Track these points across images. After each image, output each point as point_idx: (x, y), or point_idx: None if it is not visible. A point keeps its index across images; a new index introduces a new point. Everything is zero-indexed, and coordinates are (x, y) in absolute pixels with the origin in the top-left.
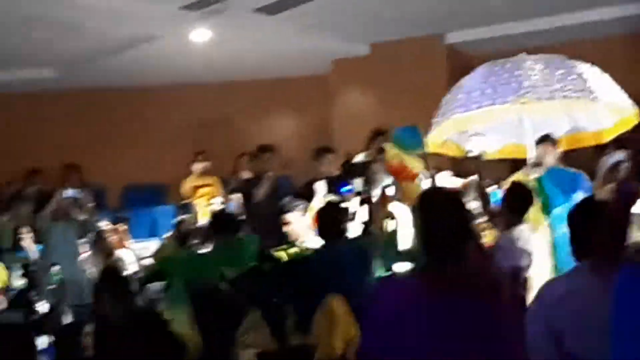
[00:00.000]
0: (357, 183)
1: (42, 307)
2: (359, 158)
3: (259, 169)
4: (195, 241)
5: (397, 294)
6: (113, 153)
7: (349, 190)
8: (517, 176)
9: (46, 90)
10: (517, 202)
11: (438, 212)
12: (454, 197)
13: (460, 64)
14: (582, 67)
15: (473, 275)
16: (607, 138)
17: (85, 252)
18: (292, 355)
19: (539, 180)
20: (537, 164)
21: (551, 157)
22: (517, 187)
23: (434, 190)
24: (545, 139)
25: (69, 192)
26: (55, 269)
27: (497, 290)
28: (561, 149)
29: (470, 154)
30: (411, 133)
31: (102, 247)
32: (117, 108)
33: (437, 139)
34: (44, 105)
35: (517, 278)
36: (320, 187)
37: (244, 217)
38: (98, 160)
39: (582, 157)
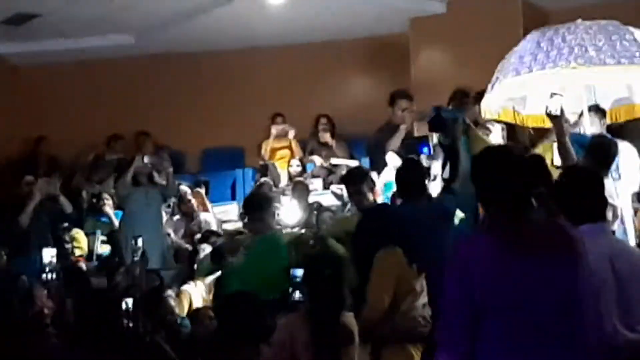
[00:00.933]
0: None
1: (124, 273)
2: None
3: None
4: None
5: (473, 250)
6: (191, 117)
7: (428, 152)
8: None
9: (124, 56)
10: (601, 155)
11: (509, 170)
12: (513, 155)
13: (537, 20)
14: (638, 33)
15: (540, 231)
16: None
17: (166, 217)
18: None
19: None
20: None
21: (595, 128)
22: (600, 139)
23: (504, 148)
24: (591, 109)
25: (148, 158)
26: (139, 242)
27: (569, 248)
28: (612, 119)
29: (552, 113)
30: None
31: (184, 211)
32: (195, 72)
33: (491, 105)
34: (122, 71)
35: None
36: (392, 158)
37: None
38: (177, 125)
39: None
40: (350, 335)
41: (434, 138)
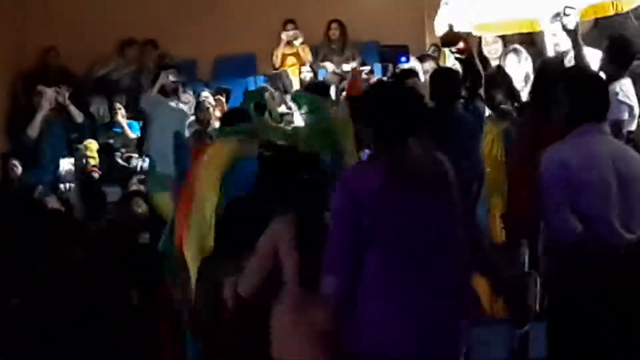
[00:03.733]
0: None
1: (138, 184)
2: None
3: None
4: None
5: (361, 178)
6: (202, 25)
7: (406, 61)
8: None
9: None
10: (620, 54)
11: (390, 103)
12: (404, 90)
13: None
14: None
15: (422, 162)
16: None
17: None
18: None
19: None
20: None
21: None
22: (619, 39)
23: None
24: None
25: (173, 76)
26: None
27: (442, 177)
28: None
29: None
30: None
31: (200, 119)
32: None
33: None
34: None
35: (620, 131)
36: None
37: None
38: (188, 33)
39: None
40: None
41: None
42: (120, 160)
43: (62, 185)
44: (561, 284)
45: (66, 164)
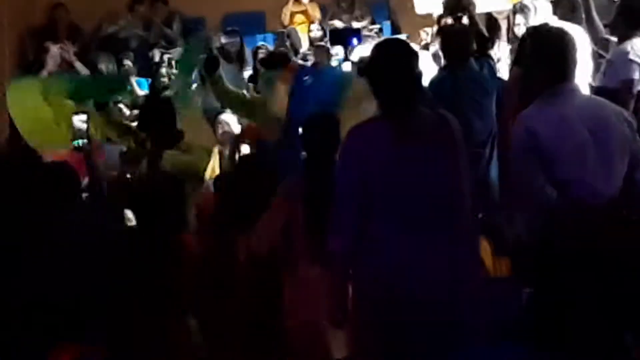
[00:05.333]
0: None
1: None
2: None
3: None
4: None
5: (367, 135)
6: None
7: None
8: None
9: None
10: (633, 14)
11: (395, 60)
12: (408, 47)
13: None
14: None
15: (428, 121)
16: None
17: None
18: None
19: None
20: None
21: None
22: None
23: (390, 40)
24: None
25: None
26: None
27: (449, 135)
28: None
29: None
30: None
31: None
32: None
33: None
34: None
35: (630, 91)
36: None
37: None
38: None
39: None
40: None
41: None
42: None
43: (75, 142)
44: (545, 251)
45: (79, 119)
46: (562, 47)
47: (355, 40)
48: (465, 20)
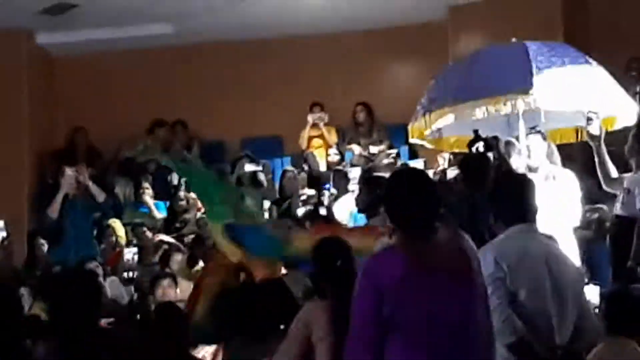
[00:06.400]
0: None
1: None
2: None
3: None
4: None
5: (384, 266)
6: (230, 106)
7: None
8: None
9: (162, 46)
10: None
11: (413, 190)
12: (426, 177)
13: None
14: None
15: (445, 250)
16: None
17: None
18: None
19: None
20: None
21: (541, 150)
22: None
23: (408, 169)
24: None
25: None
26: None
27: (466, 264)
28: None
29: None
30: None
31: None
32: (233, 61)
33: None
34: (160, 61)
35: None
36: None
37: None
38: (216, 115)
39: None
40: None
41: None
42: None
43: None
44: None
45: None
46: (521, 192)
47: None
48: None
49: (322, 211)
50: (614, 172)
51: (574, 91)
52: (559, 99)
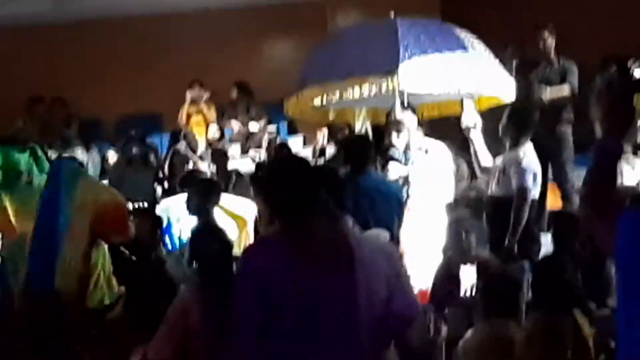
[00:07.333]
0: None
1: None
2: None
3: None
4: None
5: (264, 257)
6: (107, 84)
7: None
8: None
9: (40, 23)
10: (521, 122)
11: (286, 182)
12: (304, 167)
13: None
14: None
15: (326, 239)
16: None
17: None
18: None
19: None
20: None
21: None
22: (518, 108)
23: (284, 159)
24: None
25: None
26: None
27: (347, 259)
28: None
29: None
30: None
31: None
32: (111, 39)
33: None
34: (38, 39)
35: (525, 198)
36: None
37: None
38: (92, 92)
39: None
40: None
41: None
42: None
43: None
44: None
45: None
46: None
47: None
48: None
49: None
50: (487, 161)
51: (442, 77)
52: (425, 83)
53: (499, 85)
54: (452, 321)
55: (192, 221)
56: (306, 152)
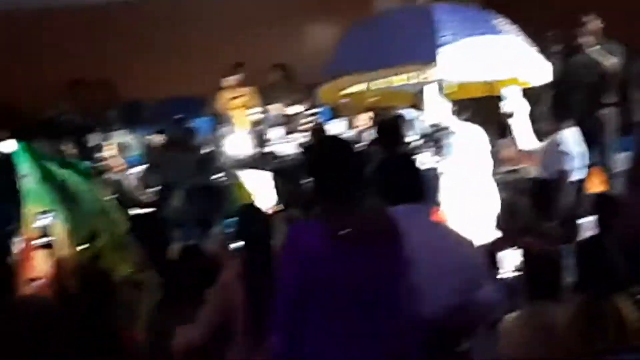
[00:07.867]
0: None
1: None
2: None
3: None
4: None
5: (304, 236)
6: (149, 67)
7: None
8: None
9: (81, 6)
10: (562, 107)
11: (332, 160)
12: (347, 146)
13: None
14: None
15: (367, 221)
16: None
17: None
18: None
19: None
20: None
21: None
22: (562, 93)
23: (328, 138)
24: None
25: None
26: None
27: (390, 237)
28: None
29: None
30: None
31: None
32: (153, 22)
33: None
34: (80, 21)
35: (565, 181)
36: None
37: None
38: (134, 75)
39: None
40: None
41: None
42: None
43: None
44: None
45: None
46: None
47: None
48: None
49: None
50: (528, 144)
51: (478, 63)
52: (463, 72)
53: (532, 68)
54: None
55: None
56: (348, 136)
